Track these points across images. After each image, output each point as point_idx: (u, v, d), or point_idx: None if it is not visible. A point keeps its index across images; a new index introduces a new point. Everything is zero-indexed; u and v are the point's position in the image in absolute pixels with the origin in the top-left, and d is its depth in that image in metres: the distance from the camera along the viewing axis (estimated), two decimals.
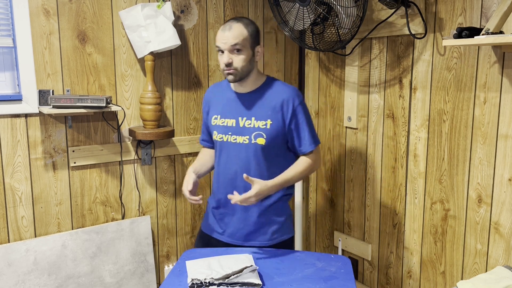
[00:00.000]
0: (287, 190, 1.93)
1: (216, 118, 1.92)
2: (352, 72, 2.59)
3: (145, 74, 2.41)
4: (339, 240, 2.80)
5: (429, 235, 2.29)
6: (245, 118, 1.85)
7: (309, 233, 3.08)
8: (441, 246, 2.24)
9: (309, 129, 1.86)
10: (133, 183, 2.47)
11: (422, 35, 2.16)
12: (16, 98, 2.11)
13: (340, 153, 2.77)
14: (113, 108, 2.16)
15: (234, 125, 1.86)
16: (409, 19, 2.17)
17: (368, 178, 2.59)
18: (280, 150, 1.87)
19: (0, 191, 2.13)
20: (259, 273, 1.61)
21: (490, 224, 2.02)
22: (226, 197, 1.86)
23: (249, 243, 1.89)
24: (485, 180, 2.02)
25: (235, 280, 1.52)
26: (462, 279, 2.16)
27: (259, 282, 1.53)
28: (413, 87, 2.28)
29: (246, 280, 1.53)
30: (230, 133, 1.87)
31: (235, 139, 1.86)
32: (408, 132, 2.34)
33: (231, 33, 1.74)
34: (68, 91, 2.22)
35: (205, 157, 2.06)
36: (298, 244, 2.98)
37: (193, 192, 1.85)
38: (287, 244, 1.95)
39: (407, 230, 2.40)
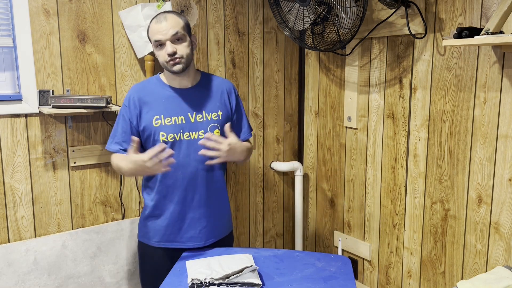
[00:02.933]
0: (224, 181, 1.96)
1: (159, 119, 1.80)
2: (352, 72, 2.59)
3: (145, 74, 2.41)
4: (339, 240, 2.80)
5: (429, 235, 2.29)
6: (195, 113, 1.82)
7: (309, 233, 3.08)
8: (441, 246, 2.24)
9: (247, 118, 2.03)
10: (133, 183, 2.46)
11: (422, 35, 2.16)
12: (16, 98, 2.11)
13: (340, 153, 2.77)
14: (113, 108, 2.16)
15: (184, 122, 1.81)
16: (409, 19, 2.17)
17: (368, 178, 2.59)
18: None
19: (0, 191, 2.13)
20: (259, 273, 1.61)
21: (490, 224, 2.02)
22: (184, 201, 1.82)
23: (210, 241, 1.89)
24: (485, 180, 2.02)
25: (235, 280, 1.52)
26: (462, 279, 2.16)
27: (259, 282, 1.53)
28: (413, 87, 2.28)
29: (246, 280, 1.53)
30: (182, 130, 1.80)
31: (189, 136, 1.81)
32: (408, 132, 2.34)
33: (168, 23, 1.71)
34: (68, 91, 2.22)
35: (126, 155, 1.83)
36: (298, 244, 2.98)
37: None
38: (231, 237, 2.03)
39: (407, 230, 2.40)
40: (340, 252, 2.80)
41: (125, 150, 1.82)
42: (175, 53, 1.72)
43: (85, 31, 2.23)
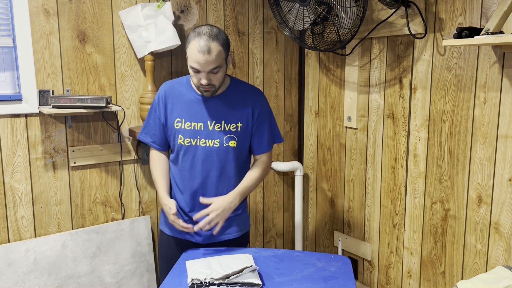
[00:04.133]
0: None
1: (180, 122, 1.84)
2: (352, 72, 2.59)
3: (145, 74, 2.41)
4: (339, 240, 2.80)
5: (429, 235, 2.29)
6: (214, 122, 1.81)
7: (309, 233, 3.08)
8: (441, 246, 2.24)
9: (272, 132, 1.93)
10: (133, 183, 2.46)
11: (422, 35, 2.16)
12: (16, 98, 2.11)
13: (340, 153, 2.77)
14: (113, 108, 2.16)
15: (202, 128, 1.82)
16: (409, 19, 2.17)
17: (368, 178, 2.59)
18: (248, 151, 1.92)
19: (0, 191, 2.13)
20: (259, 273, 1.61)
21: (490, 224, 2.02)
22: (193, 201, 1.86)
23: (220, 239, 1.91)
24: (485, 180, 2.02)
25: (235, 280, 1.52)
26: (462, 279, 2.16)
27: (259, 282, 1.53)
28: (413, 87, 2.28)
29: (246, 280, 1.52)
30: (199, 137, 1.82)
31: (204, 142, 1.82)
32: (408, 132, 2.34)
33: (210, 57, 1.66)
34: (68, 91, 2.22)
35: (165, 168, 1.94)
36: (298, 244, 2.98)
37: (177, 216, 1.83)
38: (247, 237, 2.01)
39: (407, 230, 2.40)
40: (340, 252, 2.80)
41: (156, 143, 1.91)
42: (209, 84, 1.73)
43: (85, 31, 2.23)
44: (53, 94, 2.16)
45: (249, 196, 2.90)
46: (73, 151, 2.27)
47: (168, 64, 2.48)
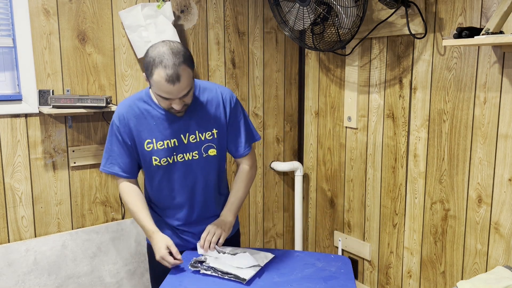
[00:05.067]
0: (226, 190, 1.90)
1: (151, 143, 1.67)
2: (352, 72, 2.59)
3: None
4: (339, 240, 2.80)
5: (429, 235, 2.29)
6: (187, 134, 1.68)
7: (309, 233, 3.08)
8: (441, 246, 2.24)
9: (248, 129, 1.81)
10: None
11: (422, 35, 2.16)
12: (16, 98, 2.11)
13: (340, 153, 2.77)
14: (113, 108, 2.16)
15: (177, 144, 1.68)
16: (409, 19, 2.17)
17: (368, 178, 2.59)
18: (225, 154, 1.82)
19: (0, 191, 2.13)
20: (259, 272, 1.61)
21: (490, 224, 2.02)
22: (182, 216, 1.78)
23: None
24: (485, 180, 2.02)
25: (226, 270, 1.56)
26: (462, 279, 2.16)
27: (244, 277, 1.53)
28: (413, 87, 2.28)
29: (234, 272, 1.55)
30: (175, 153, 1.68)
31: (182, 157, 1.69)
32: (408, 132, 2.34)
33: (181, 84, 1.51)
34: (68, 91, 2.22)
35: (143, 198, 1.75)
36: (298, 244, 2.98)
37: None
38: (238, 236, 1.97)
39: (407, 230, 2.40)
40: (340, 252, 2.80)
41: (126, 173, 1.72)
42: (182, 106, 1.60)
43: (85, 31, 2.23)
44: (53, 94, 2.16)
45: (249, 196, 2.90)
46: (73, 151, 2.27)
47: None
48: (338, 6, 2.10)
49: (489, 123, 1.98)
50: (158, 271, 1.83)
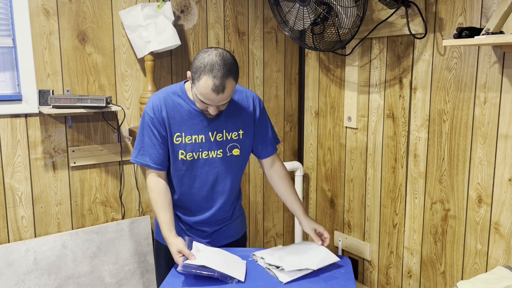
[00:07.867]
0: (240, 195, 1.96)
1: (180, 136, 1.72)
2: (352, 72, 2.59)
3: (145, 74, 2.41)
4: (339, 240, 2.80)
5: (429, 235, 2.29)
6: (215, 133, 1.74)
7: None
8: (441, 246, 2.24)
9: (272, 132, 1.89)
10: (133, 183, 2.46)
11: (422, 35, 2.16)
12: (16, 98, 2.11)
13: (340, 153, 2.77)
14: (113, 108, 2.16)
15: (203, 141, 1.73)
16: (409, 19, 2.17)
17: (368, 178, 2.59)
18: (248, 156, 1.87)
19: (0, 191, 2.13)
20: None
21: (490, 224, 2.02)
22: (196, 211, 1.81)
23: (219, 242, 1.90)
24: (485, 180, 2.02)
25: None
26: (462, 279, 2.16)
27: (237, 278, 1.56)
28: (413, 87, 2.28)
29: (229, 273, 1.56)
30: (201, 149, 1.73)
31: (207, 154, 1.74)
32: (408, 132, 2.34)
33: (224, 95, 1.58)
34: (68, 91, 2.22)
35: (169, 199, 1.76)
36: None
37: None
38: (245, 238, 2.01)
39: (407, 230, 2.40)
40: (340, 252, 2.80)
41: (157, 164, 1.73)
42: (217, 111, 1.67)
43: (85, 31, 2.23)
44: (53, 94, 2.16)
45: (249, 196, 2.90)
46: (73, 151, 2.27)
47: (168, 64, 2.48)
48: (338, 6, 2.10)
49: (489, 123, 1.98)
50: (162, 270, 1.88)
